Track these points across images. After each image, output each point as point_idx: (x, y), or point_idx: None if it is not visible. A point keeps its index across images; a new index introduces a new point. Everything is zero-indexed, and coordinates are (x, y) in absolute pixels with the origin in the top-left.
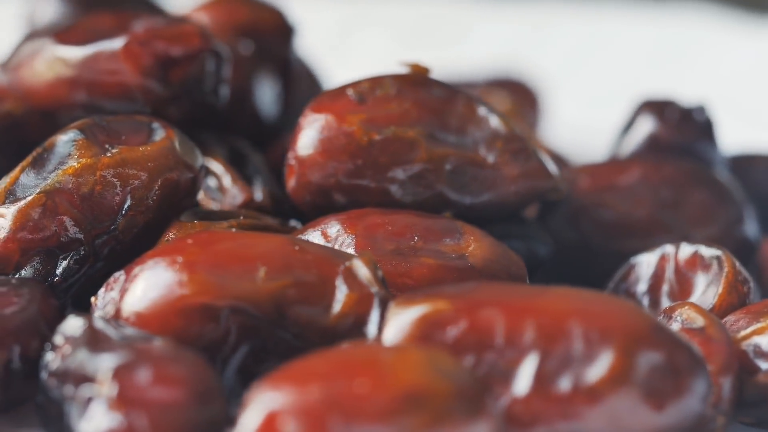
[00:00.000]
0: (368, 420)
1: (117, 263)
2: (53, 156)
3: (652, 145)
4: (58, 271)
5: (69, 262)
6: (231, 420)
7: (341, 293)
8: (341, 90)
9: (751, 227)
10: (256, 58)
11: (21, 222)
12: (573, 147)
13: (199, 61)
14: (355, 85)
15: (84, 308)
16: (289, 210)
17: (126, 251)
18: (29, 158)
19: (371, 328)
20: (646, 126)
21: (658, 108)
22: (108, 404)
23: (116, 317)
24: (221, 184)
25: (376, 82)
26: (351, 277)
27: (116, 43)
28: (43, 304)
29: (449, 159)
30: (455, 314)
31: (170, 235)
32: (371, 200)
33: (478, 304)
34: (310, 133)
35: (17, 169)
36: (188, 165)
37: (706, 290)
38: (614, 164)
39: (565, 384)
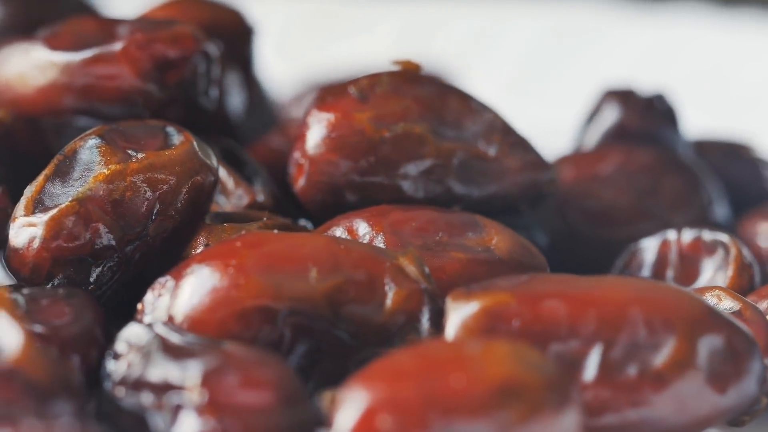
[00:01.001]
0: (467, 414)
1: (146, 268)
2: (77, 163)
3: (618, 133)
4: (91, 279)
5: (102, 269)
6: (318, 421)
7: (390, 290)
8: (342, 88)
9: (722, 210)
10: (222, 59)
11: (55, 231)
12: None
13: (192, 62)
14: (354, 82)
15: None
16: (287, 210)
17: (155, 256)
18: (51, 166)
19: (423, 324)
20: (611, 115)
21: (622, 97)
22: (199, 411)
23: (169, 322)
24: (225, 186)
25: (374, 79)
26: (398, 274)
27: (114, 47)
28: (94, 313)
29: (456, 153)
30: (518, 306)
31: (202, 238)
32: (383, 197)
33: (539, 295)
34: (320, 132)
35: (41, 178)
36: (210, 167)
37: (714, 274)
38: (593, 154)
39: (631, 371)
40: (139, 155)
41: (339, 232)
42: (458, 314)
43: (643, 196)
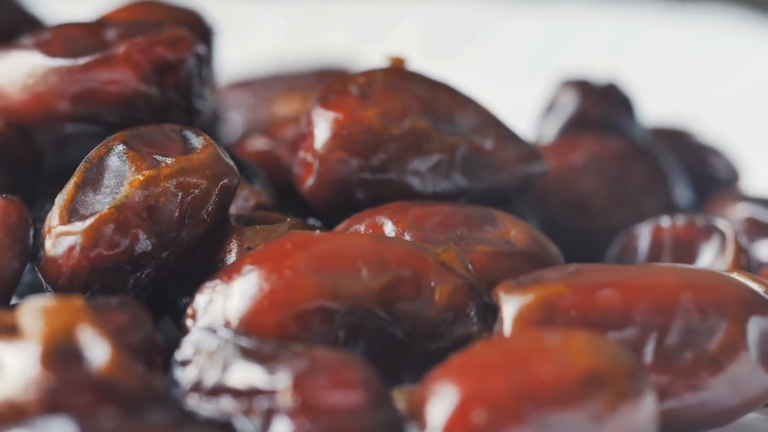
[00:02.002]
0: (558, 405)
1: (179, 273)
2: (106, 170)
3: (578, 122)
4: (129, 286)
5: (140, 275)
6: (403, 418)
7: (436, 286)
8: (342, 85)
9: (687, 195)
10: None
11: (94, 239)
12: None
13: (188, 64)
14: (351, 80)
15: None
16: (286, 210)
17: (187, 259)
18: (79, 174)
19: (471, 318)
20: (571, 104)
21: (580, 86)
22: (292, 414)
23: (225, 326)
24: None
25: (369, 76)
26: (442, 270)
27: (114, 51)
28: (150, 319)
29: (459, 147)
30: (574, 297)
31: (235, 241)
32: (392, 194)
33: (593, 285)
34: (329, 131)
35: (71, 187)
36: (233, 169)
37: (713, 258)
38: (563, 144)
39: (687, 356)
40: (168, 160)
41: (361, 230)
42: (514, 306)
43: (615, 185)
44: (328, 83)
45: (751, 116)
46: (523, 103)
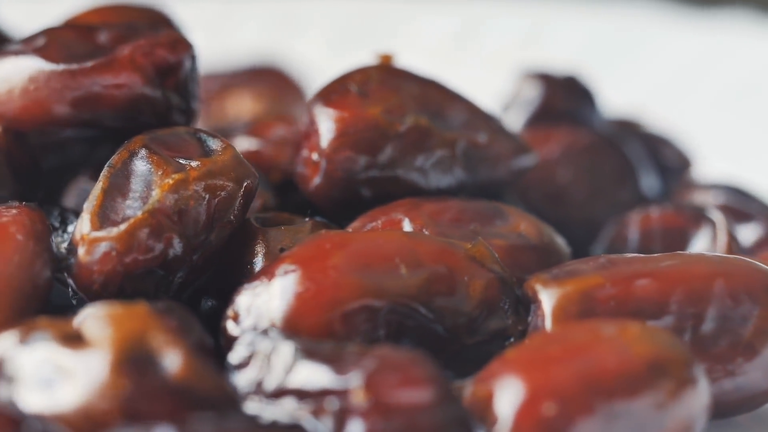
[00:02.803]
0: (625, 395)
1: (206, 275)
2: (132, 175)
3: (543, 113)
4: (162, 289)
5: (173, 279)
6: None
7: (470, 281)
8: (340, 84)
9: (656, 184)
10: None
11: (129, 244)
12: None
13: (185, 66)
14: (348, 78)
15: None
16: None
17: (214, 262)
18: (104, 180)
19: (506, 311)
20: (535, 96)
21: (544, 78)
22: (365, 413)
23: (269, 327)
24: None
25: (364, 74)
26: (473, 264)
27: (118, 55)
28: (198, 323)
29: (458, 142)
30: (612, 287)
31: (261, 242)
32: (398, 191)
33: (629, 276)
34: (336, 130)
35: (98, 193)
36: (254, 171)
37: (705, 246)
38: (537, 136)
39: (722, 343)
40: (194, 163)
41: (378, 227)
42: (553, 299)
43: (590, 177)
44: (329, 83)
45: (703, 106)
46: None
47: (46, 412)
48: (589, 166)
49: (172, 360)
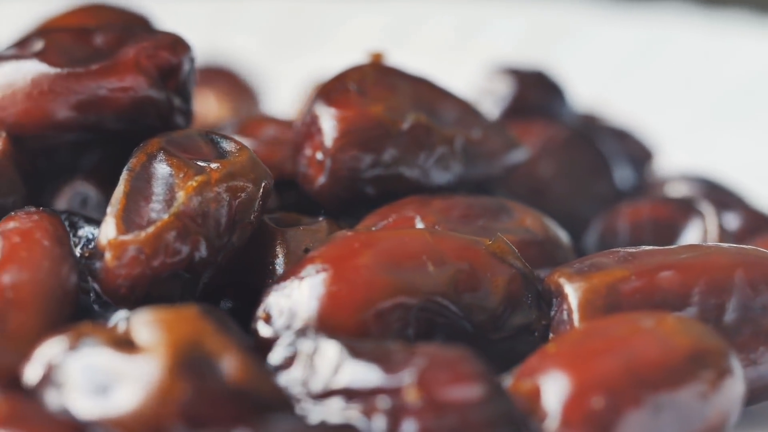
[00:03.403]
0: (670, 386)
1: (228, 276)
2: (152, 178)
3: (515, 108)
4: (187, 292)
5: (198, 281)
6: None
7: (493, 277)
8: (340, 82)
9: (630, 176)
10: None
11: (157, 247)
12: None
13: (185, 68)
14: (344, 77)
15: None
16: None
17: (235, 264)
18: (125, 183)
19: (529, 306)
20: (507, 91)
21: (515, 74)
22: (418, 411)
23: (304, 327)
24: None
25: (359, 73)
26: (494, 260)
27: (123, 58)
28: (237, 325)
29: (456, 139)
30: (637, 280)
31: (280, 242)
32: (402, 189)
33: (652, 268)
34: (340, 128)
35: (121, 197)
36: (269, 171)
37: (696, 237)
38: (519, 132)
39: (745, 332)
40: (213, 165)
41: (390, 225)
42: (579, 293)
43: (569, 171)
44: (327, 82)
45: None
46: None
47: (102, 418)
48: (568, 161)
49: (229, 363)
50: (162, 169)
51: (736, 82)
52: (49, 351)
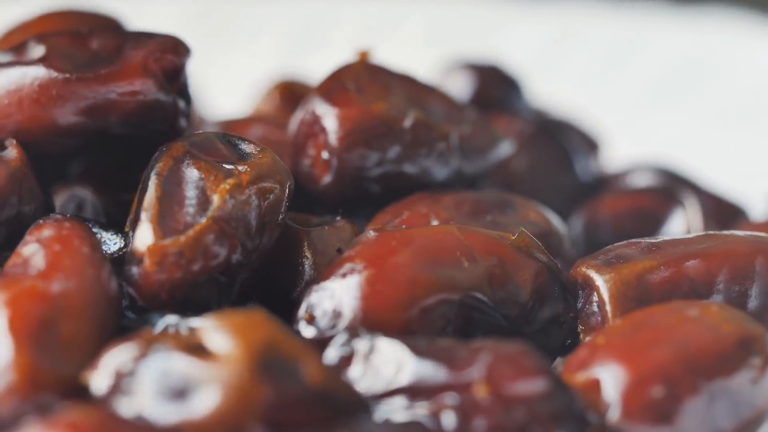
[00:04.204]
0: (723, 373)
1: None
2: (181, 182)
3: (475, 102)
4: (224, 296)
5: (233, 284)
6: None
7: (521, 271)
8: (337, 81)
9: (591, 167)
10: None
11: (197, 251)
12: None
13: (185, 71)
14: (340, 76)
15: None
16: None
17: (264, 265)
18: (156, 188)
19: (557, 299)
20: (467, 86)
21: (473, 68)
22: (486, 406)
23: (352, 326)
24: None
25: (353, 71)
26: (520, 254)
27: (130, 61)
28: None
29: (451, 135)
30: (665, 270)
31: (306, 243)
32: (405, 186)
33: (678, 257)
34: (346, 127)
35: (154, 201)
36: (290, 172)
37: (681, 224)
38: None
39: (767, 318)
40: (241, 167)
41: (403, 222)
42: (610, 284)
43: (538, 165)
44: (324, 81)
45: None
46: None
47: (182, 424)
48: (536, 154)
49: (306, 365)
50: (191, 172)
51: (667, 69)
52: (117, 359)
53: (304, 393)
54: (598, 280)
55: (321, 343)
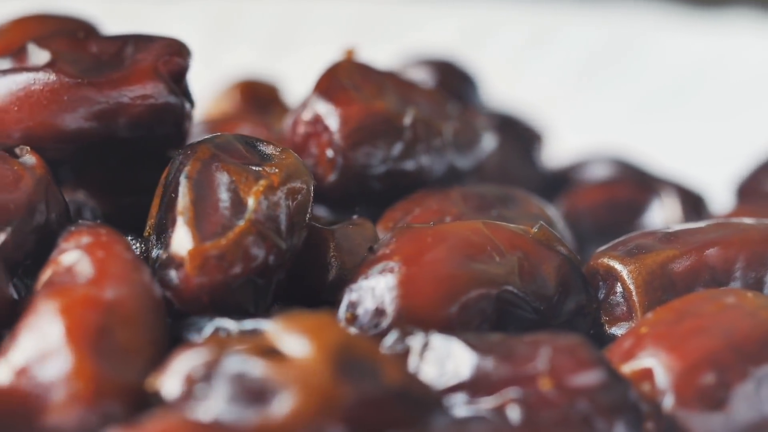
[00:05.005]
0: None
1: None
2: (213, 184)
3: None
4: (261, 298)
5: (270, 286)
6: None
7: (544, 264)
8: (334, 80)
9: (544, 160)
10: None
11: (237, 253)
12: None
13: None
14: (336, 74)
15: None
16: None
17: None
18: (189, 192)
19: (579, 291)
20: (425, 80)
21: (429, 64)
22: (550, 398)
23: (399, 322)
24: None
25: (345, 69)
26: (543, 248)
27: (140, 65)
28: None
29: (445, 131)
30: (686, 259)
31: (331, 243)
32: (405, 183)
33: (698, 246)
34: (350, 125)
35: (188, 205)
36: (311, 172)
37: (661, 216)
38: None
39: None
40: (269, 169)
41: (416, 218)
42: (636, 274)
43: (503, 155)
44: (320, 80)
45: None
46: None
47: (262, 428)
48: (502, 148)
49: (383, 365)
50: (220, 174)
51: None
52: (188, 364)
53: (384, 392)
54: (623, 271)
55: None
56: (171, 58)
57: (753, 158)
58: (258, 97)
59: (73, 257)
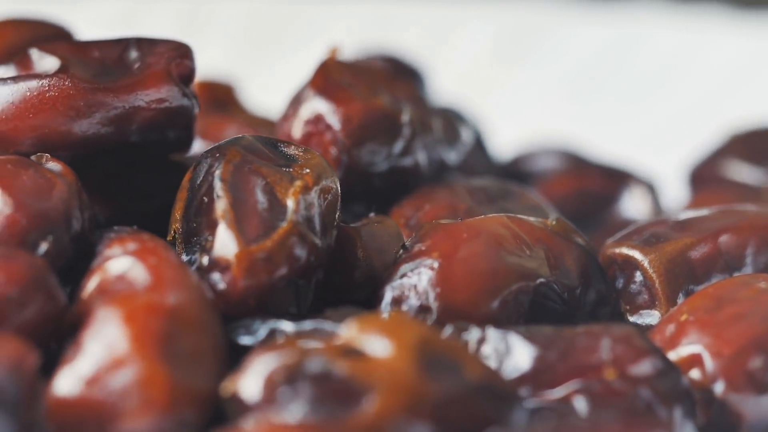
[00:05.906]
0: None
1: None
2: (249, 185)
3: None
4: (302, 299)
5: (310, 286)
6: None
7: (565, 255)
8: (330, 79)
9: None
10: None
11: (282, 255)
12: None
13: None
14: (329, 73)
15: None
16: None
17: None
18: (227, 195)
19: (599, 281)
20: None
21: (380, 59)
22: (615, 388)
23: (440, 318)
24: None
25: (336, 68)
26: (561, 239)
27: (153, 69)
28: None
29: (435, 126)
30: (704, 246)
31: (357, 242)
32: (404, 179)
33: (713, 233)
34: (353, 123)
35: (228, 208)
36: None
37: (635, 204)
38: None
39: None
40: (301, 169)
41: (426, 214)
42: (657, 263)
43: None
44: (317, 79)
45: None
46: None
47: (351, 428)
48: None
49: (465, 361)
50: (254, 176)
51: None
52: (266, 367)
53: (468, 388)
54: (644, 260)
55: None
56: (182, 61)
57: (681, 145)
58: (215, 98)
59: (124, 264)
